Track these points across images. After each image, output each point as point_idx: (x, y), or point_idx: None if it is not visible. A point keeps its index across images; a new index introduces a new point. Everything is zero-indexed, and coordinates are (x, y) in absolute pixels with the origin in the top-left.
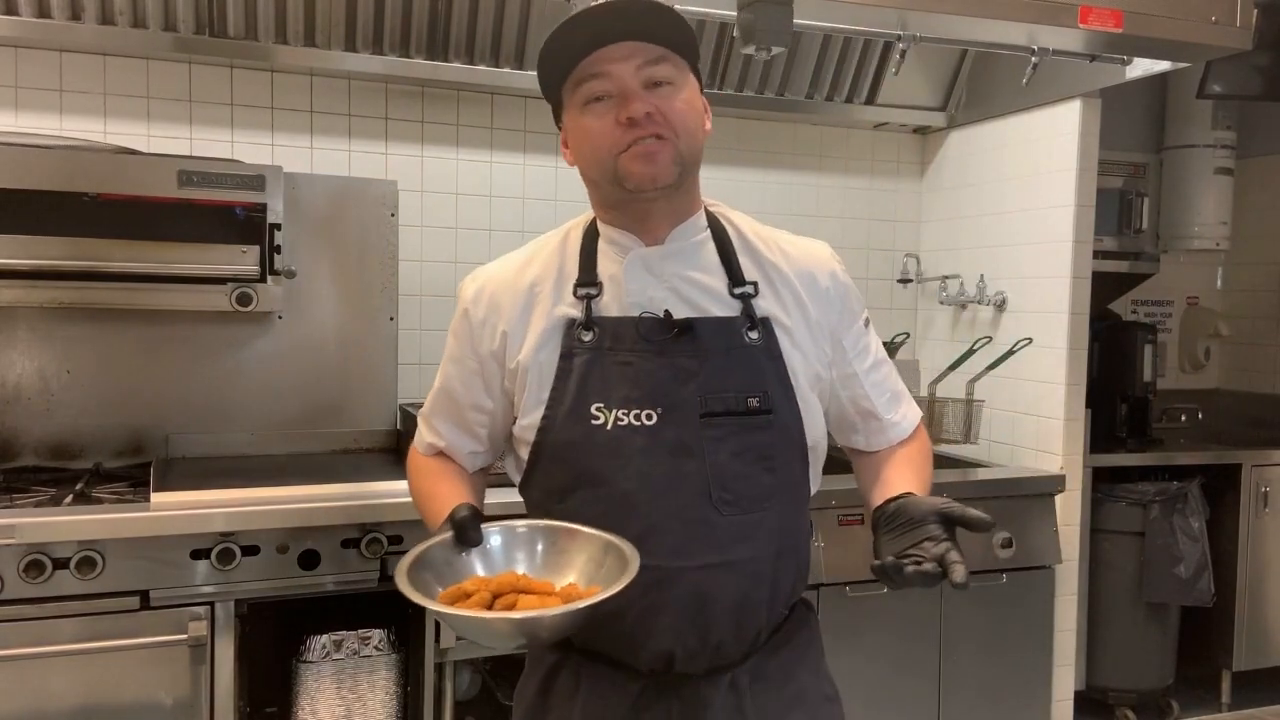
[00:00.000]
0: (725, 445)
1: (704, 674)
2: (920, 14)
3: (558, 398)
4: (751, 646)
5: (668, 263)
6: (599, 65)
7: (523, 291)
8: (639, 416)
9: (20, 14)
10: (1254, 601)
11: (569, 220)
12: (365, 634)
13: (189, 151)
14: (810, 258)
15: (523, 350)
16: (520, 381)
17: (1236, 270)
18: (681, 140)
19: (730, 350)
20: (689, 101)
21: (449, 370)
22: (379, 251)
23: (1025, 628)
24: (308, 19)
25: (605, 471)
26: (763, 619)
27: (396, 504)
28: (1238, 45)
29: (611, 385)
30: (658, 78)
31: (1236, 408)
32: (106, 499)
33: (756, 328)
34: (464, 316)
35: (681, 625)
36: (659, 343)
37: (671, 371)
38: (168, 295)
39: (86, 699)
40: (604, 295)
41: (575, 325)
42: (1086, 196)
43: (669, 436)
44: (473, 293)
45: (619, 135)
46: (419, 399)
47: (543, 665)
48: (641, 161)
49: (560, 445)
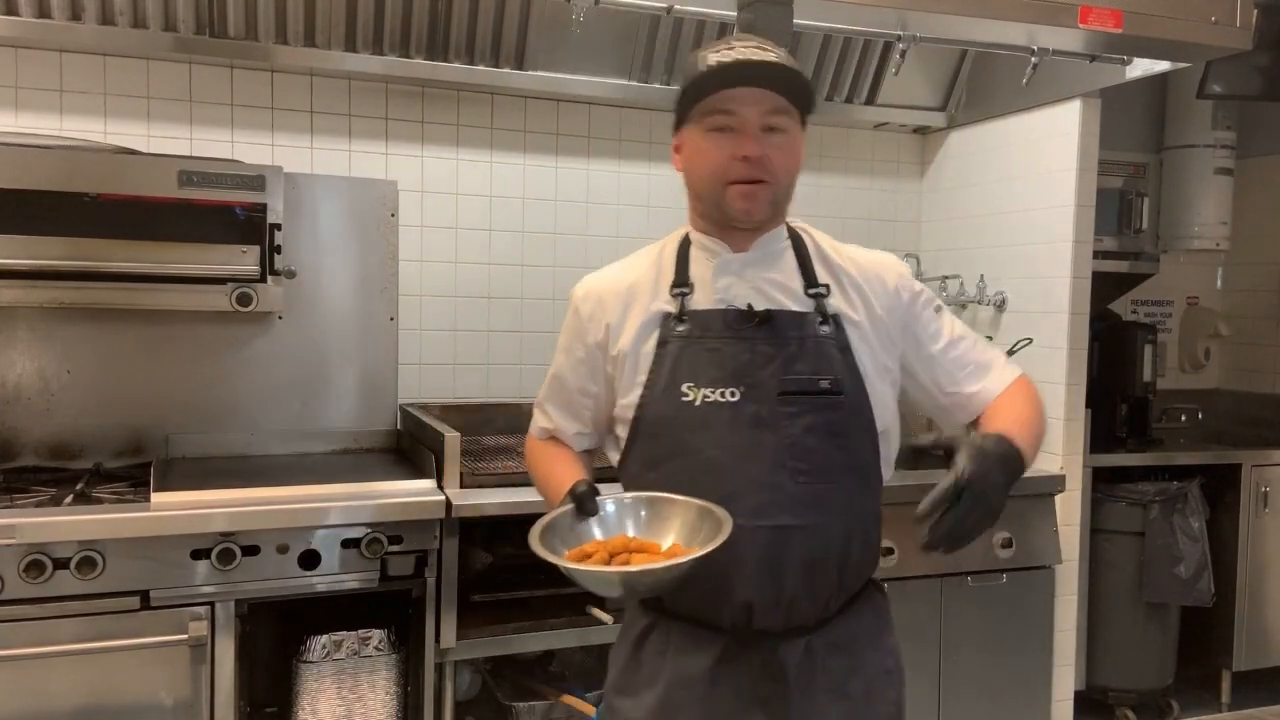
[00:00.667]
0: (800, 421)
1: (781, 633)
2: (920, 14)
3: (654, 379)
4: (824, 610)
5: (750, 267)
6: (730, 102)
7: (622, 292)
8: (724, 394)
9: (20, 14)
10: (1254, 601)
11: (571, 220)
12: (365, 634)
13: (189, 151)
14: (878, 265)
15: (623, 339)
16: (620, 367)
17: (1236, 270)
18: (780, 185)
19: (804, 339)
20: (794, 151)
21: (561, 361)
22: (379, 251)
23: (1025, 628)
24: (308, 19)
25: (694, 442)
26: (834, 582)
27: (396, 504)
28: (1238, 45)
29: (700, 367)
30: (775, 125)
31: (1236, 408)
32: (107, 499)
33: (828, 322)
34: (574, 314)
35: (759, 578)
36: (742, 331)
37: (752, 355)
38: (168, 295)
39: (87, 699)
40: (695, 293)
41: (670, 317)
42: (1086, 196)
43: (750, 412)
44: (582, 294)
45: (731, 166)
46: (419, 399)
47: (635, 628)
48: (743, 199)
49: (655, 420)
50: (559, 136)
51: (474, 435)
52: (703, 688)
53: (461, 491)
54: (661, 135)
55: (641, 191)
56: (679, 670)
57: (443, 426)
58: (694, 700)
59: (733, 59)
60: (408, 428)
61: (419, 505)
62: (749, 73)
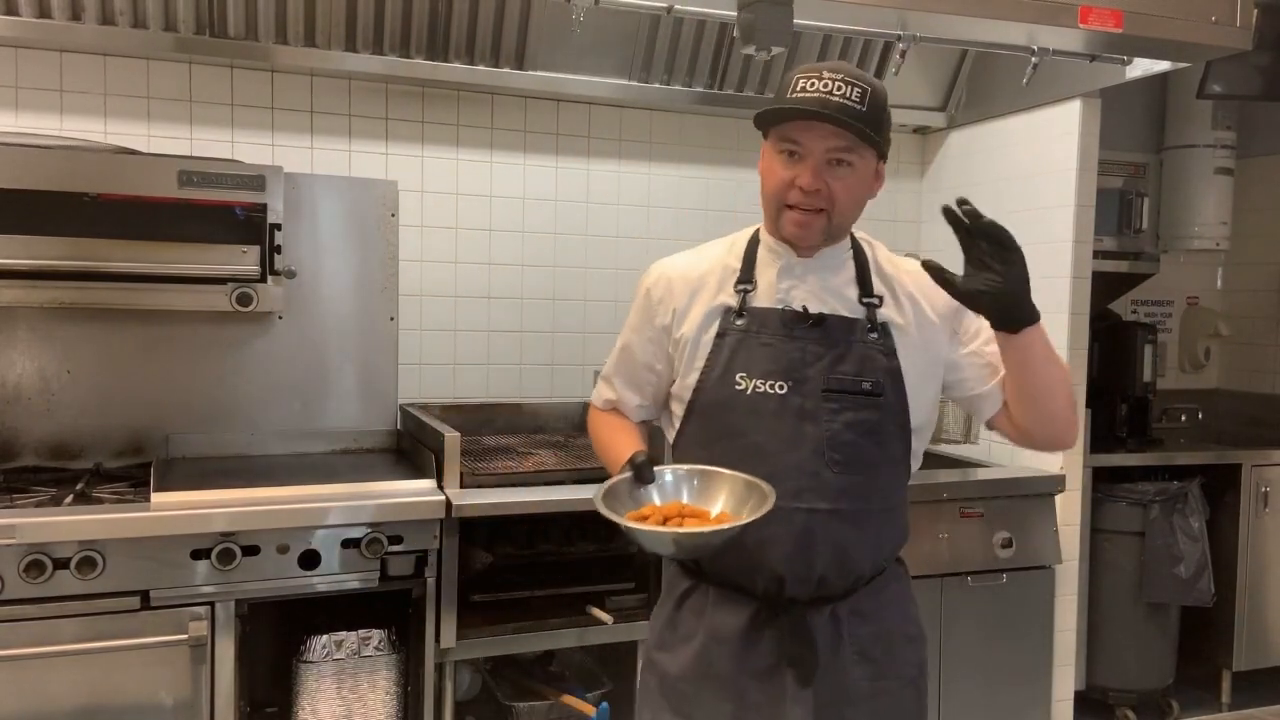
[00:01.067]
0: (840, 417)
1: (809, 602)
2: (920, 14)
3: (711, 366)
4: (852, 586)
5: (812, 273)
6: (800, 133)
7: (692, 281)
8: (773, 386)
9: (20, 14)
10: (1254, 601)
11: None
12: (365, 634)
13: (189, 151)
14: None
15: (686, 325)
16: (681, 350)
17: (1236, 270)
18: (836, 215)
19: (852, 343)
20: (858, 184)
21: (629, 337)
22: (379, 251)
23: (1025, 628)
24: (308, 19)
25: (743, 427)
26: (865, 564)
27: (396, 504)
28: (1238, 45)
29: (754, 360)
30: (841, 158)
31: (1236, 408)
32: (107, 499)
33: (876, 330)
34: (645, 295)
35: (792, 555)
36: (795, 330)
37: (802, 354)
38: (168, 295)
39: (87, 699)
40: (757, 290)
41: (731, 312)
42: (1086, 196)
43: (795, 404)
44: (654, 278)
45: (791, 192)
46: (419, 399)
47: (677, 590)
48: (795, 226)
49: (709, 404)
50: (559, 136)
51: (474, 435)
52: (736, 644)
53: (461, 491)
54: (661, 135)
55: (641, 191)
56: (715, 628)
57: (443, 426)
58: (728, 656)
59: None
60: (408, 428)
61: (419, 505)
62: (821, 105)
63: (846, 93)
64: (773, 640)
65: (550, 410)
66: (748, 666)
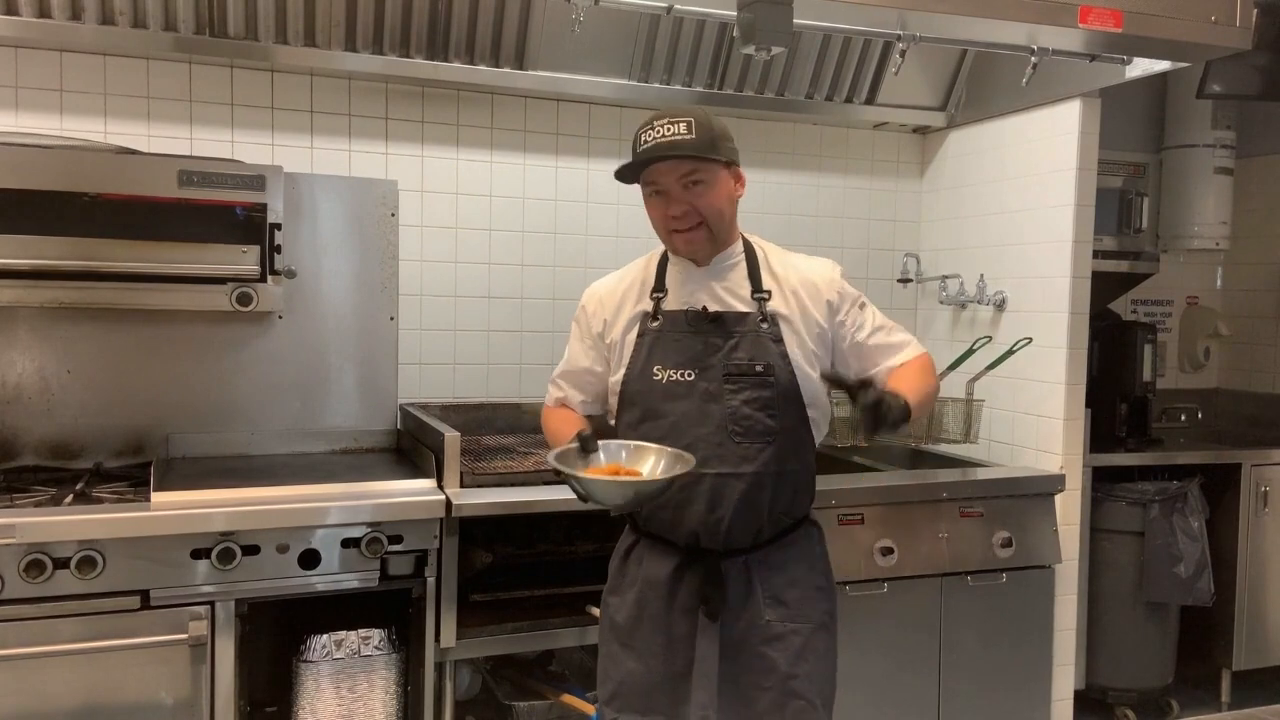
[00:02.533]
0: (739, 395)
1: (723, 551)
2: (920, 14)
3: (634, 361)
4: (756, 538)
5: (710, 277)
6: (653, 176)
7: (618, 295)
8: (683, 374)
9: (20, 14)
10: (1254, 601)
11: (571, 220)
12: (365, 634)
13: (189, 151)
14: (813, 271)
15: (614, 331)
16: (613, 352)
17: (1236, 270)
18: (711, 222)
19: (746, 333)
20: (717, 193)
21: (572, 346)
22: (379, 251)
23: (1025, 627)
24: (308, 19)
25: (662, 409)
26: (764, 518)
27: (396, 504)
28: (1237, 45)
29: (668, 354)
30: (694, 179)
31: (1236, 407)
32: (107, 499)
33: (767, 320)
34: (582, 310)
35: (704, 512)
36: (698, 326)
37: (705, 346)
38: (168, 295)
39: (87, 699)
40: (668, 296)
41: (648, 316)
42: (1086, 196)
43: (701, 388)
44: (588, 296)
45: (668, 221)
46: (419, 399)
47: (624, 545)
48: (682, 243)
49: (635, 392)
50: (559, 136)
51: (474, 435)
52: (665, 588)
53: (461, 491)
54: None
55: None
56: (649, 575)
57: (443, 426)
58: (658, 598)
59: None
60: (408, 427)
61: (419, 505)
62: (659, 152)
63: (674, 131)
64: (692, 583)
65: None
66: (674, 605)
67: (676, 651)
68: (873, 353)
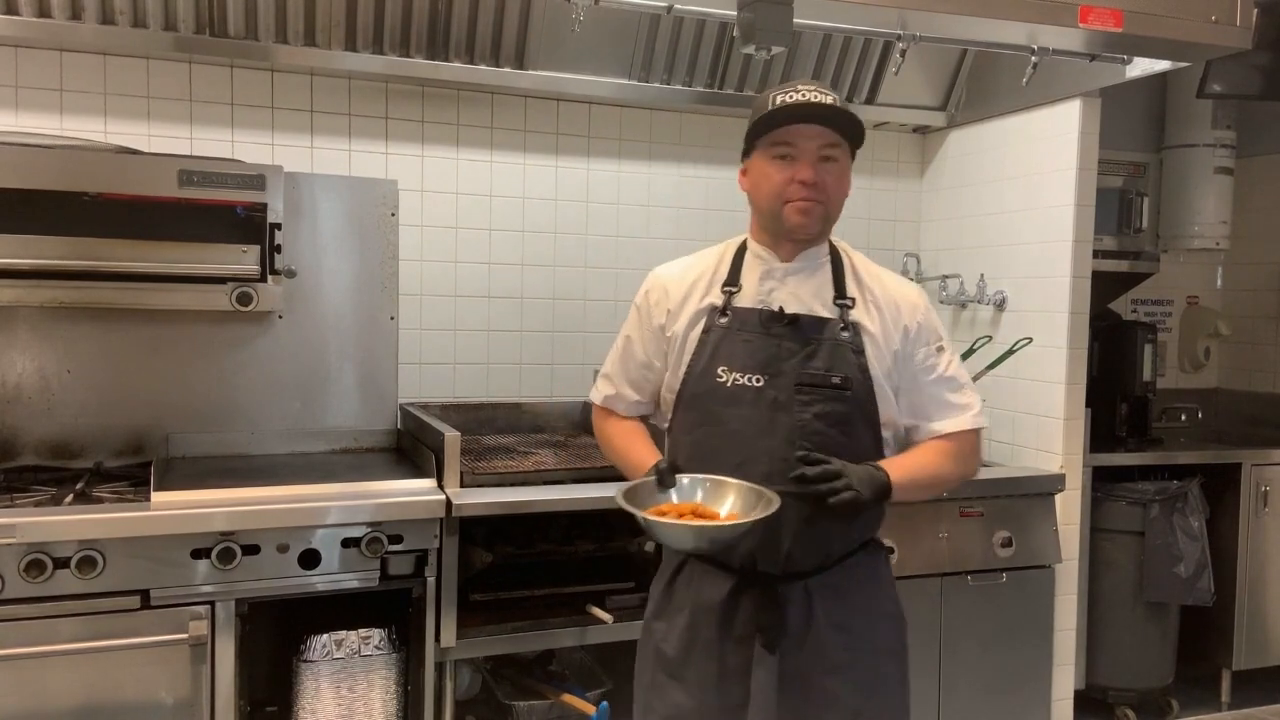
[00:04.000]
0: (811, 408)
1: (781, 575)
2: (920, 14)
3: (696, 360)
4: (821, 562)
5: (791, 275)
6: (793, 135)
7: (685, 285)
8: (750, 379)
9: (20, 14)
10: (1254, 601)
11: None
12: (365, 634)
13: (189, 151)
14: (899, 291)
15: (677, 324)
16: (672, 347)
17: (1236, 270)
18: (831, 205)
19: (824, 340)
20: (844, 178)
21: (629, 335)
22: (379, 251)
23: (1025, 627)
24: (308, 19)
25: (723, 415)
26: (832, 544)
27: (396, 503)
28: (1237, 45)
29: (735, 354)
30: (830, 155)
31: (1236, 407)
32: (107, 498)
33: (848, 329)
34: (644, 297)
35: (762, 533)
36: (772, 328)
37: (778, 350)
38: (168, 295)
39: (87, 698)
40: (742, 292)
41: (716, 311)
42: (1086, 196)
43: (770, 396)
44: (651, 282)
45: (790, 188)
46: (419, 399)
47: (670, 567)
48: (800, 214)
49: (694, 394)
50: (559, 136)
51: (474, 435)
52: (718, 613)
53: (461, 491)
54: (661, 135)
55: (641, 191)
56: (701, 599)
57: (443, 426)
58: (712, 623)
59: (796, 100)
60: (408, 427)
61: (419, 505)
62: (809, 111)
63: (824, 99)
64: (748, 610)
65: (550, 410)
66: (729, 633)
67: (730, 684)
68: (927, 405)
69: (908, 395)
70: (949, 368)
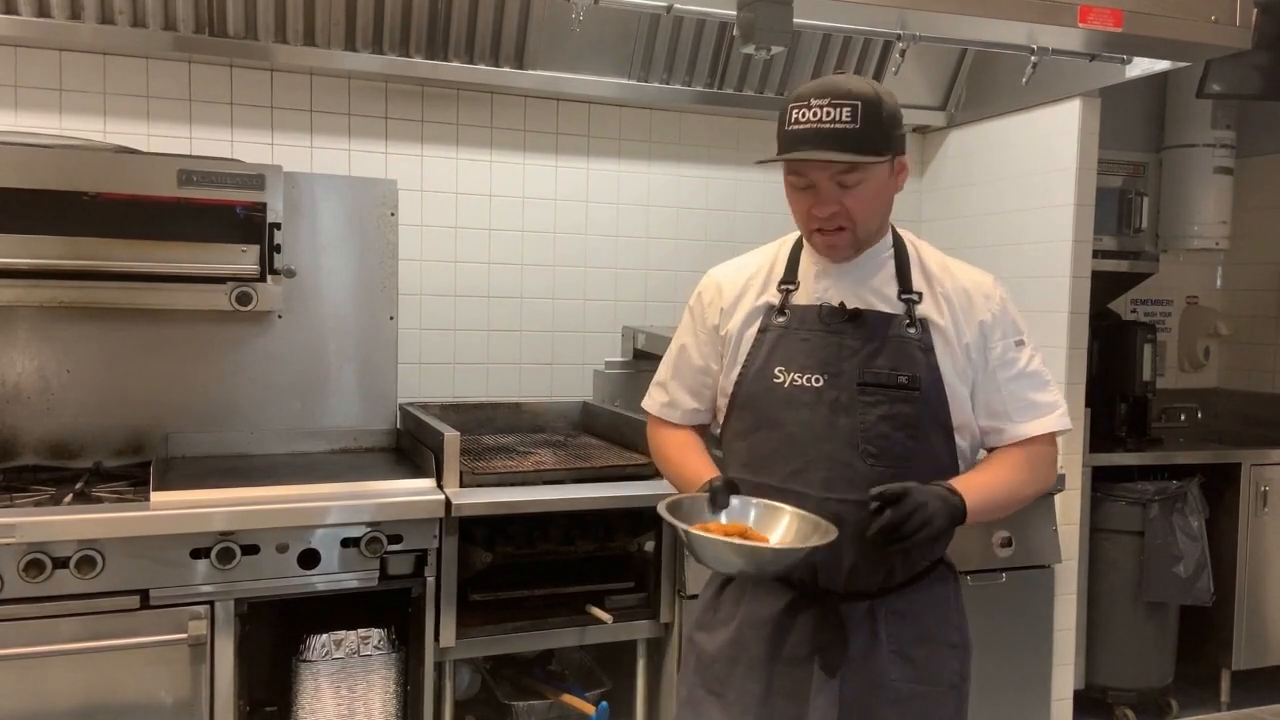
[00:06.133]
0: (876, 410)
1: (843, 594)
2: (920, 14)
3: (751, 360)
4: (885, 581)
5: (850, 272)
6: (800, 167)
7: (740, 283)
8: (810, 379)
9: (20, 13)
10: (1253, 601)
11: (571, 220)
12: (365, 634)
13: (189, 151)
14: (971, 281)
15: (731, 323)
16: (727, 346)
17: (1236, 270)
18: (860, 227)
19: (889, 337)
20: (873, 194)
21: (684, 339)
22: (379, 251)
23: (1025, 627)
24: (308, 18)
25: (780, 418)
26: (894, 558)
27: (396, 503)
28: (1237, 45)
29: (793, 354)
30: (848, 182)
31: (1236, 407)
32: (106, 498)
33: (915, 325)
34: (697, 298)
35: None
36: (832, 325)
37: (839, 348)
38: (168, 294)
39: (86, 698)
40: (799, 289)
41: (773, 309)
42: (1086, 196)
43: (831, 396)
44: (705, 282)
45: (811, 217)
46: (419, 399)
47: (719, 577)
48: (825, 248)
49: (749, 395)
50: (559, 136)
51: (473, 434)
52: (769, 630)
53: (461, 491)
54: (661, 134)
55: (641, 191)
56: (751, 613)
57: (442, 425)
58: (761, 640)
59: (803, 126)
60: (407, 427)
61: (418, 504)
62: (810, 146)
63: (836, 116)
64: (805, 629)
65: (550, 409)
66: (780, 652)
67: (774, 708)
68: (1007, 404)
69: (984, 394)
70: (1031, 362)
